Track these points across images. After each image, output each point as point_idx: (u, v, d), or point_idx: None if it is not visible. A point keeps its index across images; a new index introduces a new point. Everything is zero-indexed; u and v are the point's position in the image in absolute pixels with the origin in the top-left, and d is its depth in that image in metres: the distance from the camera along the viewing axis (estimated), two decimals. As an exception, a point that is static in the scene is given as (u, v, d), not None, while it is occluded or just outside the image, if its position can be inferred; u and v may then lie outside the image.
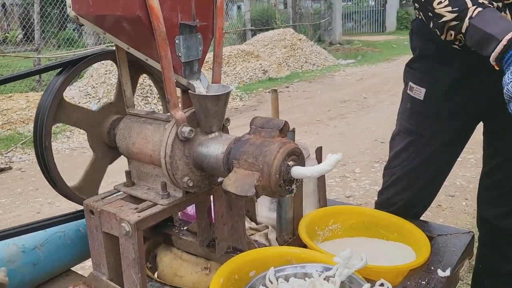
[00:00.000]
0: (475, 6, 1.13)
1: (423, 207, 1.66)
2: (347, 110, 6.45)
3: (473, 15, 1.12)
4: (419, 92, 1.47)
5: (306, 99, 7.43)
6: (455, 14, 1.15)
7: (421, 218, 1.63)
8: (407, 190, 1.59)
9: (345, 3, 19.47)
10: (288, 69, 10.14)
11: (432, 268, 1.23)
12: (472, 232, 1.44)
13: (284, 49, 10.61)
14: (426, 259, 1.23)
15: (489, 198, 1.61)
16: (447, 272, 1.20)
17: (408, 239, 1.35)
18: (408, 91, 1.52)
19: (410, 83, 1.51)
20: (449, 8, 1.16)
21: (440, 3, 1.18)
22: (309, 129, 5.51)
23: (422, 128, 1.51)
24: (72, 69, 1.12)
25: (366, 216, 1.46)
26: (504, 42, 1.04)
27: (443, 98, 1.44)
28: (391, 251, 1.34)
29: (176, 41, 0.98)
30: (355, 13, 20.18)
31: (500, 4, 1.25)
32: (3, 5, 12.83)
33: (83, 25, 1.04)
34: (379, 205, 1.67)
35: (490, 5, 1.15)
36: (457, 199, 3.40)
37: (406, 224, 1.38)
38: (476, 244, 1.56)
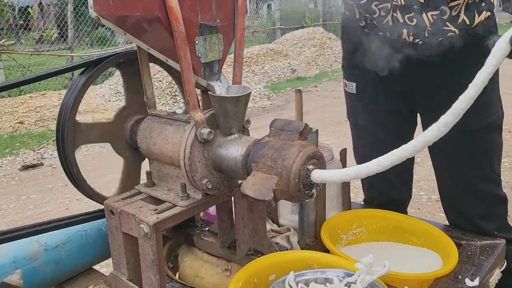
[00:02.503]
0: None
1: (399, 198, 1.68)
2: (377, 110, 6.33)
3: None
4: (351, 87, 1.57)
5: (334, 98, 7.34)
6: None
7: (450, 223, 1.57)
8: (372, 183, 1.66)
9: (376, 1, 19.16)
10: (317, 68, 10.05)
11: (460, 277, 1.18)
12: (504, 239, 1.37)
13: (313, 48, 10.52)
14: (453, 267, 1.18)
15: (448, 202, 1.59)
16: (476, 282, 1.15)
17: (435, 245, 1.30)
18: (344, 88, 1.62)
19: (344, 80, 1.62)
20: None
21: None
22: (337, 130, 5.44)
23: (359, 120, 1.60)
24: (94, 69, 1.12)
25: (391, 220, 1.42)
26: None
27: (371, 89, 1.52)
28: (416, 257, 1.30)
29: (196, 41, 0.97)
30: (386, 11, 19.84)
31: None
32: (40, 5, 13.19)
33: (104, 25, 1.04)
34: (366, 203, 1.73)
35: None
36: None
37: (433, 230, 1.33)
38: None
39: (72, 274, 1.25)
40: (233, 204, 1.20)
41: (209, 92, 1.00)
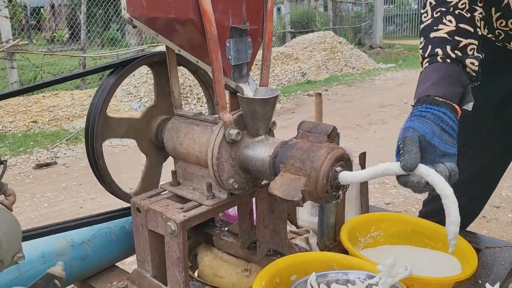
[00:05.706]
0: (427, 59, 1.17)
1: (469, 219, 1.61)
2: (387, 115, 6.33)
3: (422, 69, 1.19)
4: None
5: (345, 102, 7.35)
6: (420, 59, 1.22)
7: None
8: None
9: (386, 6, 19.14)
10: (327, 72, 10.06)
11: (480, 281, 1.18)
12: (522, 245, 1.38)
13: (323, 52, 10.53)
14: (474, 271, 1.18)
15: None
16: (496, 287, 1.15)
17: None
18: None
19: None
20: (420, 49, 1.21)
21: (420, 41, 1.22)
22: (348, 134, 5.45)
23: (471, 140, 1.46)
24: (122, 70, 1.15)
25: (409, 224, 1.42)
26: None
27: (493, 111, 1.41)
28: (435, 261, 1.30)
29: (227, 44, 0.99)
30: (396, 16, 19.81)
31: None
32: (52, 6, 13.33)
33: (136, 26, 1.06)
34: (423, 215, 1.63)
35: (440, 60, 1.15)
36: (503, 211, 3.28)
37: (451, 234, 1.34)
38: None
39: (96, 270, 1.27)
40: (254, 205, 1.22)
41: (238, 94, 1.02)
